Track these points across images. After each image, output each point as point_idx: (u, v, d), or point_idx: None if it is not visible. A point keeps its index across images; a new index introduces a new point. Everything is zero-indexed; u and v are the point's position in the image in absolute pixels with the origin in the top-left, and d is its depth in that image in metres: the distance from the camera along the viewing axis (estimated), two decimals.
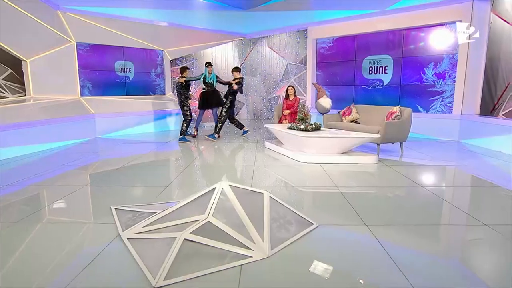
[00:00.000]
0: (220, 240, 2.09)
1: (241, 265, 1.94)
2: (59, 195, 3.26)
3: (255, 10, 9.23)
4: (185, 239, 2.01)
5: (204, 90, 6.89)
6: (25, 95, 6.53)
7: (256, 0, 8.53)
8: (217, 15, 8.92)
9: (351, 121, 6.00)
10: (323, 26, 8.35)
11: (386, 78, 7.53)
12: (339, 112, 6.31)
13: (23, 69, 6.34)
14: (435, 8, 6.52)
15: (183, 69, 6.79)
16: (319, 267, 1.92)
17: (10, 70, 6.55)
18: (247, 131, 7.13)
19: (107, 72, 7.93)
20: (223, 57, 10.41)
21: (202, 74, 6.91)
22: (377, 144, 4.99)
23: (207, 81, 6.85)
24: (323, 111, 6.58)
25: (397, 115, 5.02)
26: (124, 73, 8.21)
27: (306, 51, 8.96)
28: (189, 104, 6.81)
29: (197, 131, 7.07)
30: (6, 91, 6.37)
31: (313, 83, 7.26)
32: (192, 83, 8.79)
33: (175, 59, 9.34)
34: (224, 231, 2.16)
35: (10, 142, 5.11)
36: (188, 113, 6.73)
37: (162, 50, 8.90)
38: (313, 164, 4.46)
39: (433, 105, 6.97)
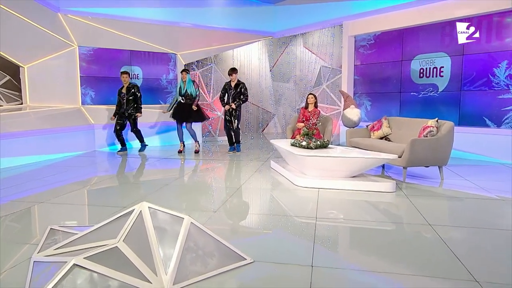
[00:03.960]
0: (121, 270, 2.19)
1: None
2: (11, 210, 3.66)
3: (284, 4, 9.45)
4: (75, 264, 2.15)
5: (180, 101, 7.16)
6: (22, 104, 7.44)
7: None
8: (239, 12, 9.31)
9: (381, 138, 5.79)
10: (362, 20, 8.23)
11: (442, 82, 7.12)
12: (367, 126, 6.12)
13: (20, 76, 7.25)
14: None
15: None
16: None
17: (8, 77, 7.56)
18: (233, 149, 7.39)
19: (112, 79, 8.66)
20: (247, 60, 10.73)
21: (178, 86, 7.24)
22: (403, 168, 4.73)
23: (182, 92, 7.12)
24: (350, 125, 6.46)
25: (431, 131, 4.72)
26: (131, 79, 8.88)
27: (342, 51, 8.85)
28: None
29: (183, 146, 7.40)
30: (1, 99, 7.33)
31: (340, 91, 7.17)
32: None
33: (190, 63, 9.87)
34: (129, 259, 2.26)
35: None
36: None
37: (175, 54, 9.49)
38: (310, 189, 4.40)
39: (506, 118, 6.39)
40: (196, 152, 7.36)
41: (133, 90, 7.33)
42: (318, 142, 4.92)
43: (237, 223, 3.47)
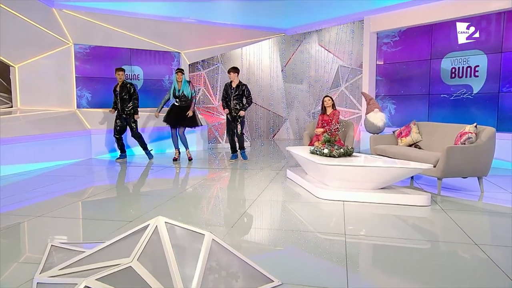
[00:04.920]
0: None
1: None
2: (4, 225, 3.65)
3: None
4: (86, 286, 2.13)
5: (175, 104, 7.25)
6: (12, 107, 7.49)
7: None
8: (248, 6, 9.32)
9: (410, 145, 5.76)
10: (385, 14, 8.24)
11: (477, 83, 7.07)
12: (393, 132, 6.09)
13: (10, 77, 7.31)
14: None
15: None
16: None
17: None
18: (236, 156, 7.49)
19: (111, 80, 8.68)
20: (258, 59, 10.77)
21: (172, 87, 7.29)
22: (438, 179, 4.68)
23: (177, 93, 7.17)
24: (373, 130, 6.42)
25: (470, 138, 4.67)
26: (131, 80, 8.95)
27: (363, 49, 8.85)
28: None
29: (179, 153, 7.46)
30: None
31: (362, 93, 7.13)
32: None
33: (195, 63, 9.92)
34: (144, 280, 2.23)
35: None
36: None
37: (179, 52, 9.54)
38: (333, 202, 4.37)
39: None
40: (190, 159, 7.38)
41: (127, 89, 7.33)
42: (342, 149, 4.88)
43: (258, 239, 3.44)
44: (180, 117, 7.22)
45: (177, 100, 7.23)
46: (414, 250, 3.11)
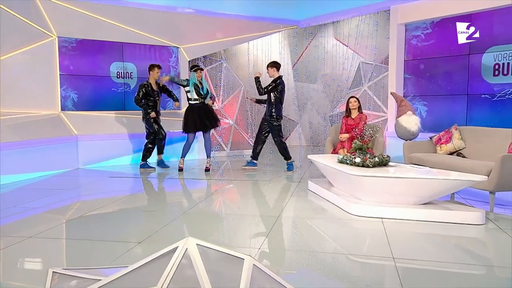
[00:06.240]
0: None
1: None
2: None
3: None
4: None
5: (193, 104, 7.32)
6: None
7: None
8: None
9: (451, 153, 5.76)
10: (415, 3, 8.25)
11: None
12: (431, 138, 6.08)
13: None
14: None
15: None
16: None
17: None
18: (254, 164, 7.56)
19: (100, 78, 8.68)
20: (266, 55, 10.75)
21: (187, 80, 7.36)
22: (490, 193, 4.63)
23: (202, 92, 7.29)
24: (406, 136, 6.42)
25: None
26: (123, 79, 8.91)
27: (389, 44, 8.86)
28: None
29: (183, 162, 7.49)
30: None
31: (391, 93, 7.12)
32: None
33: (195, 59, 9.88)
34: None
35: None
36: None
37: (177, 47, 9.51)
38: (369, 219, 4.33)
39: None
40: (207, 170, 7.41)
41: (162, 88, 7.79)
42: (376, 158, 4.84)
43: (293, 263, 3.36)
44: (208, 118, 7.33)
45: (198, 99, 7.29)
46: (475, 277, 3.05)
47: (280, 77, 7.19)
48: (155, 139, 7.68)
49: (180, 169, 7.39)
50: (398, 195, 4.46)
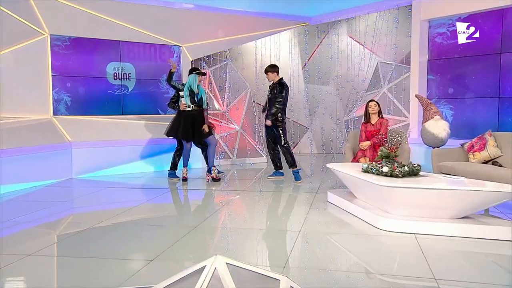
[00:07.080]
0: None
1: None
2: None
3: None
4: None
5: (188, 110, 7.25)
6: None
7: None
8: None
9: (486, 161, 5.72)
10: None
11: None
12: (462, 146, 6.04)
13: None
14: None
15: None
16: None
17: None
18: (280, 173, 7.51)
19: (95, 80, 8.65)
20: (274, 54, 10.75)
21: (183, 85, 7.30)
22: None
23: (196, 98, 7.24)
24: (434, 143, 6.39)
25: None
26: (120, 80, 8.88)
27: (410, 42, 8.85)
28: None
29: (187, 172, 7.48)
30: None
31: (417, 96, 7.08)
32: None
33: (198, 59, 9.87)
34: None
35: None
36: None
37: (179, 46, 9.49)
38: (402, 235, 4.27)
39: None
40: (217, 179, 7.40)
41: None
42: (406, 167, 4.78)
43: (323, 284, 3.29)
44: (198, 128, 7.28)
45: (191, 106, 7.22)
46: None
47: (282, 79, 7.33)
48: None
49: (184, 179, 7.36)
50: (433, 208, 4.40)
